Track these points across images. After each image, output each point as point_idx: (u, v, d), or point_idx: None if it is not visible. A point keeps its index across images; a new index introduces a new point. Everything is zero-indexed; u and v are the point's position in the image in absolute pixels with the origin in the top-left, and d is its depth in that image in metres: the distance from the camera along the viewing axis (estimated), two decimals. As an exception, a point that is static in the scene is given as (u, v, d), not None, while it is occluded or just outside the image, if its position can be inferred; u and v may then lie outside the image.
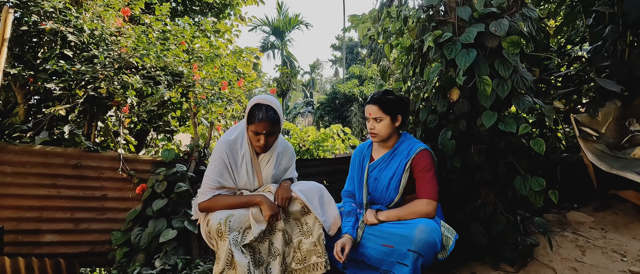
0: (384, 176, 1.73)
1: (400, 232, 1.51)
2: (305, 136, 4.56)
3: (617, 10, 2.53)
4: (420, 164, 1.65)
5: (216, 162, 1.60)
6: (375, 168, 1.79)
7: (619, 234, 2.02)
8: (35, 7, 2.86)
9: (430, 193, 1.60)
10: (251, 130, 1.60)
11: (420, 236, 1.44)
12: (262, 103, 1.59)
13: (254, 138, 1.61)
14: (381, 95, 1.73)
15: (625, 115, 2.51)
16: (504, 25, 1.76)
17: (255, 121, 1.57)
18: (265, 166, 1.71)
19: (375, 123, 1.71)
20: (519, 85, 1.79)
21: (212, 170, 1.59)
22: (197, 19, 5.43)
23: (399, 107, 1.73)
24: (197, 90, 3.19)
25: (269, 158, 1.72)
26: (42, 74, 2.85)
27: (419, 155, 1.67)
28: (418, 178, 1.66)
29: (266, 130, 1.57)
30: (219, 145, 1.63)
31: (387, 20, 2.66)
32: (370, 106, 1.72)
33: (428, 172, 1.64)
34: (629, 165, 2.13)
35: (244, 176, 1.65)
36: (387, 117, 1.70)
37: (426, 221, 1.50)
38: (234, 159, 1.63)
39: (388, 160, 1.76)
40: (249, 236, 1.48)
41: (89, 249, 2.50)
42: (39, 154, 2.43)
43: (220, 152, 1.60)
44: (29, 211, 2.38)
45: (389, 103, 1.70)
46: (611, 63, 2.48)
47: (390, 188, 1.71)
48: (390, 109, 1.70)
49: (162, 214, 2.48)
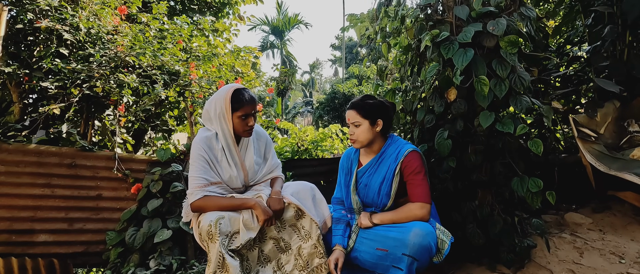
0: (374, 181, 1.69)
1: (395, 236, 1.48)
2: (304, 136, 4.54)
3: (616, 10, 2.51)
4: (409, 167, 1.61)
5: (197, 161, 1.58)
6: (364, 173, 1.74)
7: (617, 235, 2.00)
8: (31, 5, 2.84)
9: (422, 196, 1.57)
10: (238, 115, 1.60)
11: (415, 240, 1.41)
12: (239, 87, 1.63)
13: (242, 124, 1.62)
14: (359, 99, 1.70)
15: (624, 115, 2.49)
16: (502, 25, 1.74)
17: (244, 103, 1.59)
18: (246, 153, 1.71)
19: (355, 128, 1.68)
20: (517, 85, 1.77)
21: (196, 169, 1.57)
22: (195, 17, 5.41)
23: (379, 111, 1.68)
24: (194, 89, 3.17)
25: (247, 146, 1.72)
26: (38, 73, 2.83)
27: (408, 158, 1.63)
28: (409, 181, 1.62)
29: (254, 109, 1.62)
30: (196, 144, 1.61)
31: (385, 19, 2.65)
32: (348, 111, 1.70)
33: (418, 174, 1.60)
34: (627, 166, 2.11)
35: (227, 169, 1.63)
36: (365, 121, 1.66)
37: (421, 225, 1.47)
38: (213, 154, 1.62)
39: (376, 164, 1.71)
40: (235, 241, 1.45)
41: (83, 250, 2.48)
42: (33, 153, 2.41)
43: (199, 150, 1.59)
44: (23, 211, 2.36)
45: (366, 108, 1.67)
46: (610, 63, 2.46)
47: (381, 194, 1.66)
48: (368, 113, 1.66)
49: (157, 214, 2.46)
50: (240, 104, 1.60)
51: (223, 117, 1.61)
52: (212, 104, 1.64)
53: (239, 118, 1.61)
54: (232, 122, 1.62)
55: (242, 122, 1.61)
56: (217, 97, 1.64)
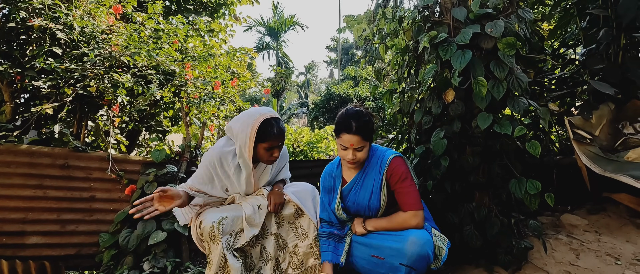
0: (362, 197, 1.61)
1: (391, 245, 1.46)
2: (300, 137, 4.53)
3: (611, 14, 2.53)
4: (395, 174, 1.55)
5: (204, 170, 1.54)
6: (350, 191, 1.65)
7: (613, 237, 2.01)
8: (23, 3, 2.79)
9: (413, 204, 1.51)
10: (264, 147, 1.51)
11: (413, 250, 1.38)
12: (270, 117, 1.52)
13: (266, 154, 1.54)
14: (359, 122, 1.51)
15: (619, 118, 2.51)
16: (500, 26, 1.74)
17: (271, 137, 1.51)
18: (262, 174, 1.66)
19: (356, 152, 1.53)
20: (515, 86, 1.77)
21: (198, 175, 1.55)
22: (191, 18, 5.37)
23: (373, 127, 1.59)
24: (189, 90, 3.14)
25: (263, 169, 1.66)
26: (30, 72, 2.79)
27: (392, 165, 1.56)
28: (397, 190, 1.56)
29: (281, 141, 1.54)
30: (212, 153, 1.55)
31: (383, 20, 2.64)
32: (351, 137, 1.50)
33: (405, 181, 1.54)
34: (622, 167, 2.12)
35: (236, 187, 1.59)
36: (367, 144, 1.55)
37: (418, 233, 1.43)
38: (224, 171, 1.55)
39: (361, 179, 1.63)
40: (241, 239, 1.44)
41: (76, 252, 2.44)
42: (25, 154, 2.37)
43: (210, 161, 1.53)
44: (14, 213, 2.32)
45: (369, 130, 1.53)
46: (605, 66, 2.48)
47: (371, 208, 1.60)
48: (370, 135, 1.55)
49: (151, 216, 2.42)
50: (267, 137, 1.51)
51: (245, 145, 1.51)
52: (237, 125, 1.53)
53: (263, 150, 1.53)
54: (253, 151, 1.52)
55: (267, 152, 1.54)
56: (244, 121, 1.52)
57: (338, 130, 1.54)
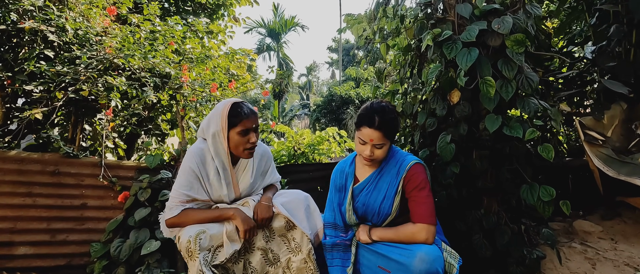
0: (373, 200, 1.52)
1: (399, 259, 1.37)
2: (301, 139, 4.44)
3: (622, 9, 2.43)
4: (413, 181, 1.45)
5: (186, 174, 1.45)
6: (361, 190, 1.56)
7: (630, 245, 1.91)
8: (14, 5, 2.72)
9: (427, 217, 1.40)
10: (237, 131, 1.44)
11: (421, 267, 1.29)
12: (237, 101, 1.49)
13: (242, 140, 1.45)
14: (382, 116, 1.42)
15: (632, 118, 2.41)
16: (508, 23, 1.65)
17: (243, 116, 1.44)
18: (242, 174, 1.57)
19: (375, 149, 1.45)
20: (524, 86, 1.67)
21: (181, 183, 1.44)
22: (189, 19, 5.30)
23: (398, 126, 1.51)
24: (185, 92, 3.05)
25: (244, 167, 1.57)
26: (21, 75, 2.71)
27: (411, 171, 1.46)
28: (411, 197, 1.46)
29: (255, 123, 1.46)
30: (190, 154, 1.48)
31: (384, 19, 2.55)
32: (373, 132, 1.41)
33: (422, 190, 1.44)
34: (637, 170, 2.02)
35: (218, 190, 1.50)
36: (388, 142, 1.46)
37: (427, 249, 1.34)
38: (205, 170, 1.47)
39: (376, 180, 1.54)
40: (219, 256, 1.34)
41: (66, 262, 2.34)
42: (14, 160, 2.28)
43: (190, 162, 1.45)
44: (2, 222, 2.23)
45: (392, 128, 1.45)
46: (617, 64, 2.38)
47: (381, 213, 1.51)
48: (393, 133, 1.46)
49: (145, 224, 2.33)
50: (238, 118, 1.44)
51: (218, 135, 1.45)
52: (206, 120, 1.49)
53: (238, 135, 1.45)
54: (228, 141, 1.46)
55: (242, 138, 1.45)
56: (212, 113, 1.48)
57: (359, 122, 1.46)
